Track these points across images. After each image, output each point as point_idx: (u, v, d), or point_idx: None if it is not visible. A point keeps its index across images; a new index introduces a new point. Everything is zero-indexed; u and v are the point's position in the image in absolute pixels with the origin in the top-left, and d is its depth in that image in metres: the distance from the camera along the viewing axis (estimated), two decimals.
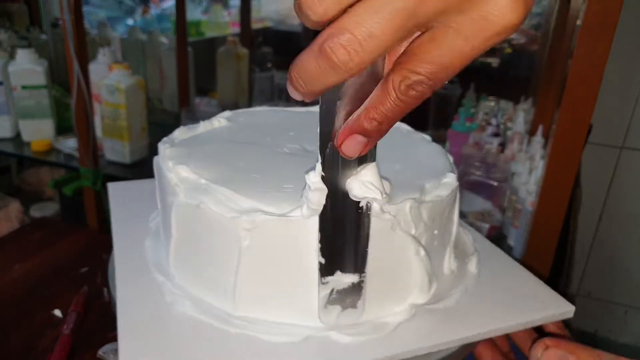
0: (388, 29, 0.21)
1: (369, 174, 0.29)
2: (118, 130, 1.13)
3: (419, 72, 0.22)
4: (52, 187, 1.22)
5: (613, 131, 1.18)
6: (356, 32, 0.21)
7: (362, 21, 0.21)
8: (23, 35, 1.56)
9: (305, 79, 0.23)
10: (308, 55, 0.22)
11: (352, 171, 0.29)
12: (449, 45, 0.22)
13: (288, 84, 0.23)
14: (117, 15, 2.66)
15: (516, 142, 0.98)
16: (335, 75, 0.22)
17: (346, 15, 0.21)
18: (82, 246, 0.86)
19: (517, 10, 0.21)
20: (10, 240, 0.89)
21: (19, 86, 1.22)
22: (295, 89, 0.23)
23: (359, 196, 0.29)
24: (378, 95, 0.23)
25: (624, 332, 1.30)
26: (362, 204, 0.30)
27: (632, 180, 1.20)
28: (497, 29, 0.22)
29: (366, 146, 0.25)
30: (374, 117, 0.24)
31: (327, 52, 0.21)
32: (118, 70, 1.10)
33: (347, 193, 0.29)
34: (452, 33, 0.22)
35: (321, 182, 0.29)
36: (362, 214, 0.30)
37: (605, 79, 0.66)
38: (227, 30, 2.57)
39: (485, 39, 0.22)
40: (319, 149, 0.27)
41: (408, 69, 0.22)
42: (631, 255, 1.25)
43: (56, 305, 0.69)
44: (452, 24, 0.22)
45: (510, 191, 0.89)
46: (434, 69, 0.22)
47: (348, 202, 0.30)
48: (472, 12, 0.21)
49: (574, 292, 1.33)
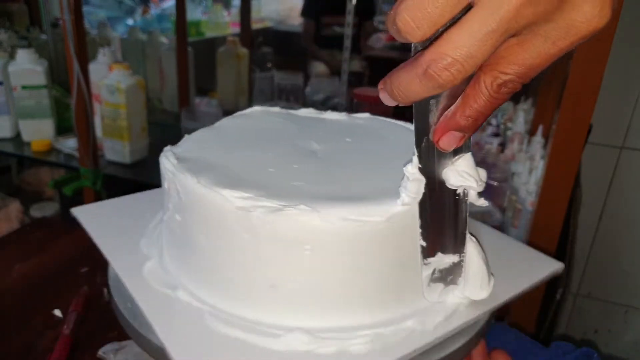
0: (484, 49, 0.23)
1: (465, 163, 0.31)
2: (118, 130, 1.13)
3: (509, 73, 0.25)
4: (52, 187, 1.22)
5: (613, 131, 1.18)
6: (456, 56, 0.23)
7: (461, 45, 0.23)
8: (23, 35, 1.56)
9: (406, 92, 0.25)
10: (409, 75, 0.25)
11: (448, 161, 0.31)
12: (537, 49, 0.24)
13: (382, 93, 0.27)
14: (117, 15, 2.66)
15: (516, 142, 0.98)
16: (438, 90, 0.25)
17: (444, 41, 0.23)
18: (82, 246, 0.86)
19: (602, 16, 0.23)
20: (10, 240, 0.89)
21: (19, 86, 1.22)
22: (394, 98, 0.26)
23: (456, 185, 0.32)
24: (471, 94, 0.26)
25: (625, 332, 1.30)
26: (459, 191, 0.32)
27: (632, 180, 1.20)
28: (583, 33, 0.23)
29: (461, 140, 0.28)
30: (469, 115, 0.26)
31: (432, 75, 0.24)
32: (118, 70, 1.10)
33: (444, 182, 0.32)
34: (539, 39, 0.24)
35: (419, 173, 0.31)
36: (460, 200, 0.33)
37: (605, 79, 0.66)
38: (227, 30, 2.57)
39: (572, 43, 0.24)
40: (415, 142, 0.30)
41: (498, 70, 0.25)
42: (631, 256, 1.25)
43: (56, 305, 0.69)
44: (541, 31, 0.24)
45: (510, 191, 0.89)
46: (522, 70, 0.24)
47: (445, 190, 0.32)
48: (560, 21, 0.23)
49: (574, 292, 1.33)
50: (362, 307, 0.35)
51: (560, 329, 1.28)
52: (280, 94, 1.42)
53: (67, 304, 0.68)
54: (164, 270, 0.39)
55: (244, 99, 1.58)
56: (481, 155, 0.93)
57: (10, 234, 0.94)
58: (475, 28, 0.23)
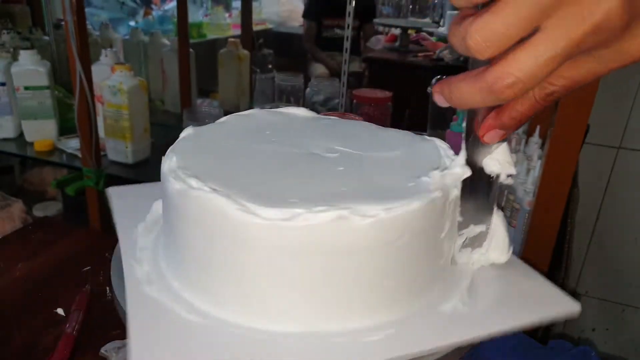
0: (546, 70, 0.25)
1: (501, 152, 0.36)
2: (120, 131, 1.14)
3: (556, 85, 0.27)
4: (54, 187, 1.23)
5: (610, 132, 1.19)
6: (520, 76, 0.25)
7: (525, 67, 0.24)
8: (25, 37, 1.56)
9: (464, 100, 0.28)
10: (472, 87, 0.27)
11: (487, 151, 0.36)
12: (588, 68, 0.26)
13: (437, 96, 0.29)
14: (119, 16, 2.67)
15: (514, 143, 0.98)
16: (496, 103, 0.27)
17: (511, 61, 0.25)
18: (85, 245, 0.87)
19: None
20: (13, 240, 0.89)
21: (21, 87, 1.23)
22: (450, 103, 0.29)
23: (495, 172, 0.37)
24: (518, 98, 0.28)
25: (622, 331, 1.31)
26: (492, 175, 0.37)
27: (630, 180, 1.21)
28: (635, 58, 0.25)
29: (503, 136, 0.32)
30: (514, 116, 0.29)
31: (496, 91, 0.25)
32: (120, 71, 1.11)
33: (483, 168, 0.37)
34: (593, 60, 0.26)
35: (465, 160, 0.36)
36: (493, 181, 0.38)
37: (603, 79, 0.66)
38: (228, 32, 2.58)
39: (622, 66, 0.26)
40: (464, 136, 0.35)
41: (548, 82, 0.27)
42: (628, 255, 1.26)
43: (59, 304, 0.70)
44: (596, 54, 0.25)
45: (508, 191, 0.90)
46: (569, 83, 0.27)
47: (483, 174, 0.37)
48: (617, 47, 0.25)
49: (572, 291, 1.33)
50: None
51: (558, 327, 1.29)
52: (281, 95, 1.42)
53: (69, 303, 0.68)
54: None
55: (245, 100, 1.58)
56: None
57: (13, 233, 0.94)
58: (541, 51, 0.24)
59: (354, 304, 0.35)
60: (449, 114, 1.30)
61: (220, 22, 2.59)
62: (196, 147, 0.42)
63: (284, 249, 0.32)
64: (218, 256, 0.35)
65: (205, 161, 0.39)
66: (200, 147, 0.42)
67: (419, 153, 0.42)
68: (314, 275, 0.33)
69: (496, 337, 0.36)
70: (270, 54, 1.81)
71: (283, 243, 0.32)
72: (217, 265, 0.35)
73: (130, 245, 0.42)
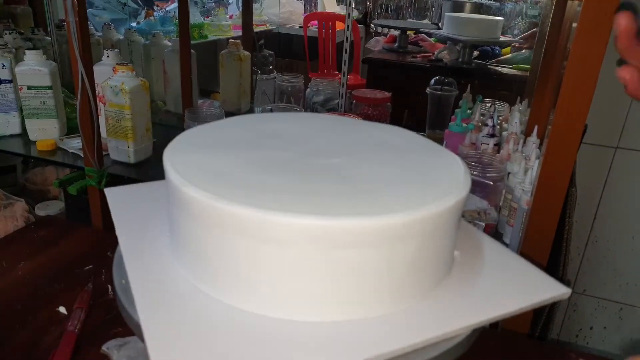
0: None
1: None
2: (122, 131, 1.15)
3: None
4: (57, 186, 1.23)
5: (608, 131, 1.19)
6: None
7: None
8: (27, 37, 1.57)
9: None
10: None
11: None
12: None
13: (629, 89, 0.33)
14: (121, 17, 2.68)
15: (512, 143, 0.99)
16: None
17: None
18: (87, 244, 0.87)
19: None
20: (15, 239, 0.89)
21: (24, 87, 1.24)
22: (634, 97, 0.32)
23: None
24: None
25: (619, 329, 1.31)
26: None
27: (627, 179, 1.21)
28: None
29: None
30: None
31: None
32: (122, 71, 1.12)
33: None
34: None
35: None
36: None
37: (601, 80, 0.67)
38: (229, 32, 2.58)
39: None
40: None
41: None
42: (626, 254, 1.26)
43: (61, 303, 0.70)
44: None
45: (506, 190, 0.90)
46: None
47: None
48: None
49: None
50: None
51: (556, 326, 1.29)
52: (282, 95, 1.43)
53: (71, 301, 0.69)
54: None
55: (246, 100, 1.59)
56: (477, 155, 0.94)
57: (15, 232, 0.95)
58: None
59: (372, 295, 0.36)
60: (447, 114, 1.31)
61: (221, 23, 2.60)
62: (197, 145, 0.43)
63: (293, 245, 0.34)
64: (226, 251, 0.36)
65: (206, 158, 0.40)
66: (201, 145, 0.43)
67: (426, 164, 0.44)
68: (329, 269, 0.35)
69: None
70: (271, 54, 1.81)
71: (292, 238, 0.33)
72: (219, 258, 0.36)
73: (131, 244, 0.42)
